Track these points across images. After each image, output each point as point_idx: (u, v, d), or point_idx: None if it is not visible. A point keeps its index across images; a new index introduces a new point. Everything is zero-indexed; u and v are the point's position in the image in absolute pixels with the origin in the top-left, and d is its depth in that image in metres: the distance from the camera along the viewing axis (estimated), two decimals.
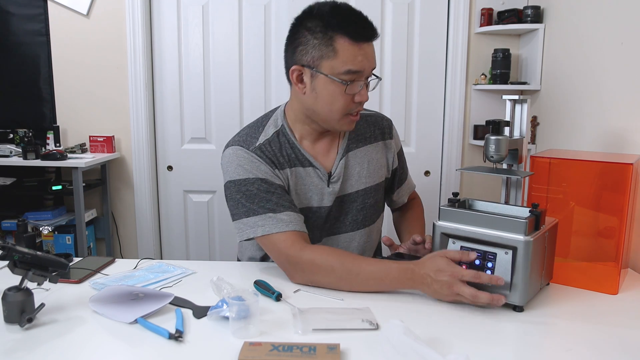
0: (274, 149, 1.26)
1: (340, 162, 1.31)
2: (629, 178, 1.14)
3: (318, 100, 1.20)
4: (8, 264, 0.95)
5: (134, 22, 2.50)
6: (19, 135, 2.52)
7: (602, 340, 0.93)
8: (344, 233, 1.36)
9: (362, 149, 1.35)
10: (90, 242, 2.60)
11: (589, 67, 1.86)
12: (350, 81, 1.16)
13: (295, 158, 1.28)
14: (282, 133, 1.29)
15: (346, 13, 1.16)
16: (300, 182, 1.28)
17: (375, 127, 1.39)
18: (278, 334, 0.93)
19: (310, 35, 1.16)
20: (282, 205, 1.20)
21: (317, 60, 1.16)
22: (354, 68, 1.15)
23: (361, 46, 1.15)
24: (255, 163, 1.23)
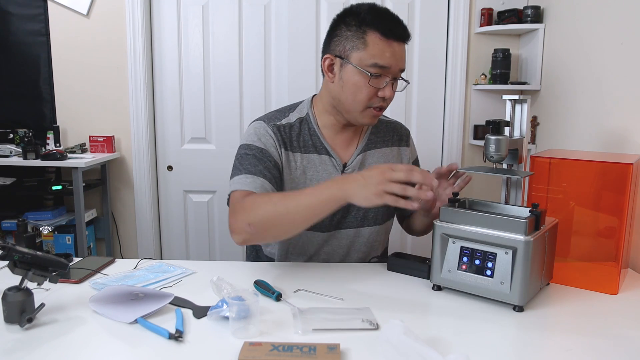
0: (292, 132, 1.34)
1: (357, 156, 1.37)
2: (629, 178, 1.14)
3: (344, 89, 1.26)
4: (8, 264, 0.95)
5: (134, 22, 2.50)
6: (19, 135, 2.52)
7: (602, 340, 0.93)
8: (353, 228, 1.37)
9: (380, 150, 1.41)
10: (90, 242, 2.60)
11: (589, 67, 1.86)
12: (376, 75, 1.22)
13: (312, 145, 1.34)
14: (306, 120, 1.36)
15: (382, 12, 1.24)
16: (313, 169, 1.33)
17: (394, 132, 1.46)
18: (278, 334, 0.93)
19: (345, 28, 1.24)
20: (261, 172, 1.25)
21: (348, 51, 1.23)
22: (381, 62, 1.21)
23: (391, 43, 1.22)
24: (266, 136, 1.31)
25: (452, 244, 1.10)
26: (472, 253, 1.08)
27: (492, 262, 1.05)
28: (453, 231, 1.10)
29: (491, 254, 1.05)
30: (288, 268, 1.30)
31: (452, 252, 1.10)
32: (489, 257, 1.05)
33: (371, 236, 1.40)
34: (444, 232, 1.11)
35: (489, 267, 1.05)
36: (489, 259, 1.05)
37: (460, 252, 1.09)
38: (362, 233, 1.38)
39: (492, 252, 1.05)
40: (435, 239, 1.12)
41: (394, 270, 1.27)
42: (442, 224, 1.12)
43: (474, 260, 1.07)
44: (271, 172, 1.26)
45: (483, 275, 1.06)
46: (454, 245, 1.10)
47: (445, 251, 1.11)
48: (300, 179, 1.33)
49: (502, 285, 1.03)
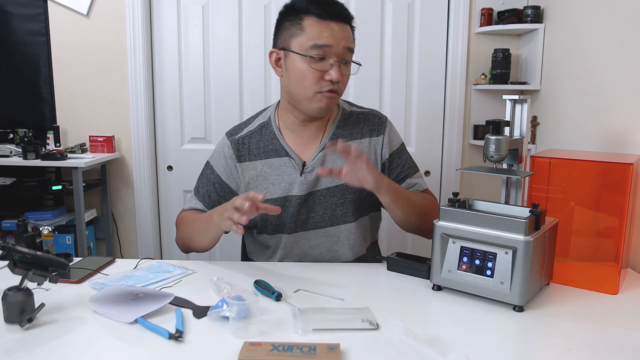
0: (252, 142, 1.38)
1: (318, 154, 1.35)
2: (629, 178, 1.14)
3: (291, 79, 1.27)
4: (8, 264, 0.95)
5: (134, 22, 2.50)
6: (19, 135, 2.52)
7: (602, 340, 0.93)
8: (322, 227, 1.35)
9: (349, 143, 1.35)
10: (90, 242, 2.60)
11: (589, 67, 1.86)
12: (318, 57, 1.22)
13: (273, 149, 1.36)
14: (267, 124, 1.39)
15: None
16: (275, 172, 1.35)
17: (364, 123, 1.40)
18: (278, 334, 0.93)
19: (285, 20, 1.27)
20: (203, 197, 1.41)
21: (288, 40, 1.26)
22: (319, 42, 1.21)
23: (328, 24, 1.22)
24: (220, 157, 1.40)
25: (452, 244, 1.11)
26: (472, 253, 1.08)
27: (492, 262, 1.05)
28: (453, 231, 1.10)
29: (491, 254, 1.05)
30: (288, 268, 1.30)
31: (452, 252, 1.10)
32: (489, 257, 1.05)
33: (345, 234, 1.36)
34: (444, 232, 1.11)
35: (489, 267, 1.05)
36: (489, 259, 1.05)
37: (460, 252, 1.09)
38: (332, 232, 1.36)
39: (492, 252, 1.05)
40: (435, 239, 1.12)
41: (394, 270, 1.27)
42: (442, 223, 1.12)
43: (474, 260, 1.07)
44: (210, 198, 1.40)
45: (483, 275, 1.06)
46: (454, 245, 1.10)
47: (445, 251, 1.11)
48: (262, 184, 1.35)
49: (502, 285, 1.03)
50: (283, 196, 1.34)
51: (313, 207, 1.35)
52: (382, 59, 2.54)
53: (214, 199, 1.40)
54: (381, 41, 2.52)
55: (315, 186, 1.34)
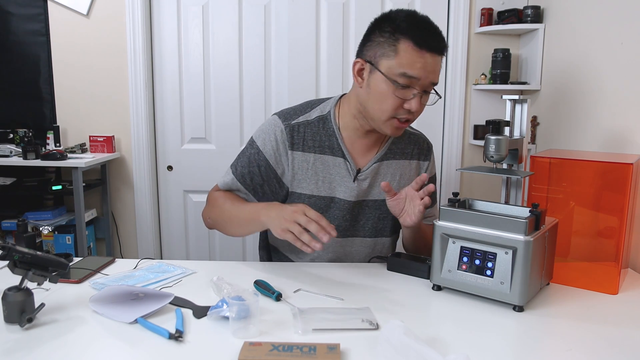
0: (308, 131, 1.32)
1: (374, 164, 1.35)
2: (629, 178, 1.14)
3: (370, 96, 1.23)
4: (8, 264, 0.95)
5: (134, 22, 2.50)
6: (19, 135, 2.52)
7: (602, 340, 0.93)
8: (361, 237, 1.37)
9: (398, 161, 1.38)
10: (90, 242, 2.60)
11: (589, 67, 1.86)
12: (403, 85, 1.18)
13: (328, 146, 1.32)
14: (326, 119, 1.33)
15: (419, 20, 1.19)
16: (326, 170, 1.32)
17: (415, 145, 1.42)
18: (278, 334, 0.93)
19: (379, 33, 1.20)
20: (243, 177, 1.34)
21: (378, 57, 1.19)
22: (410, 72, 1.16)
23: (423, 54, 1.16)
24: (270, 138, 1.32)
25: (452, 244, 1.11)
26: (472, 253, 1.08)
27: (492, 262, 1.05)
28: (453, 231, 1.10)
29: (491, 254, 1.05)
30: (288, 268, 1.30)
31: (452, 252, 1.10)
32: (489, 257, 1.05)
33: (379, 247, 1.39)
34: (444, 232, 1.11)
35: (489, 267, 1.05)
36: (489, 259, 1.05)
37: (460, 252, 1.09)
38: (368, 243, 1.37)
39: (492, 252, 1.05)
40: (435, 239, 1.12)
41: (394, 270, 1.27)
42: (442, 223, 1.12)
43: (474, 260, 1.07)
44: (253, 180, 1.34)
45: (483, 275, 1.06)
46: (454, 245, 1.10)
47: (445, 251, 1.11)
48: (312, 179, 1.32)
49: (502, 285, 1.03)
50: (330, 196, 1.32)
51: (357, 216, 1.35)
52: None
53: (257, 182, 1.33)
54: None
55: (365, 195, 1.34)
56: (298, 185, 1.32)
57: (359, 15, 2.49)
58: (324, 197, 1.32)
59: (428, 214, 1.44)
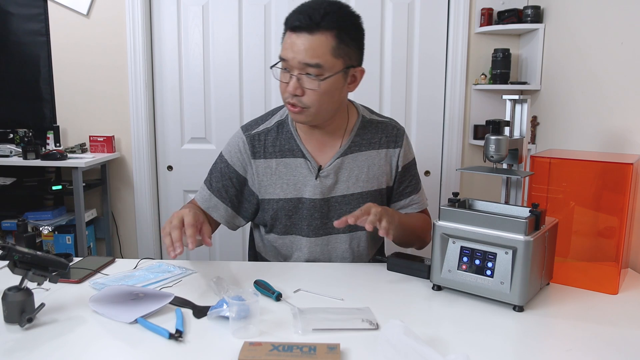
0: (268, 138, 1.35)
1: (336, 160, 1.34)
2: (629, 178, 1.14)
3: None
4: (8, 264, 0.95)
5: (134, 22, 2.50)
6: (19, 135, 2.52)
7: (602, 340, 0.93)
8: (335, 234, 1.36)
9: (365, 153, 1.36)
10: (90, 242, 2.60)
11: (588, 67, 1.86)
12: (282, 69, 1.23)
13: (289, 149, 1.34)
14: (284, 123, 1.36)
15: (300, 6, 1.21)
16: (289, 173, 1.33)
17: (383, 133, 1.39)
18: (278, 334, 0.93)
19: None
20: (219, 191, 1.37)
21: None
22: (281, 54, 1.22)
23: (290, 35, 1.20)
24: (235, 150, 1.37)
25: (452, 244, 1.10)
26: (472, 253, 1.08)
27: (492, 262, 1.05)
28: (453, 231, 1.10)
29: (491, 254, 1.05)
30: (288, 268, 1.30)
31: (452, 252, 1.10)
32: (489, 257, 1.05)
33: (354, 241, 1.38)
34: (444, 232, 1.11)
35: (489, 267, 1.05)
36: (489, 259, 1.05)
37: (460, 252, 1.09)
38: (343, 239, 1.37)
39: (492, 252, 1.05)
40: (435, 239, 1.12)
41: (394, 270, 1.27)
42: (442, 223, 1.12)
43: (474, 260, 1.07)
44: (228, 192, 1.36)
45: (483, 275, 1.06)
46: (454, 245, 1.10)
47: (445, 251, 1.11)
48: (277, 183, 1.34)
49: (502, 285, 1.03)
50: (296, 197, 1.33)
51: (328, 213, 1.35)
52: (382, 59, 2.54)
53: (232, 194, 1.37)
54: (381, 41, 2.52)
55: (331, 192, 1.34)
56: (265, 192, 1.34)
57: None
58: (291, 199, 1.34)
59: (412, 202, 1.43)
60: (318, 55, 1.17)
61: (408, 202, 1.43)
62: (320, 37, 1.17)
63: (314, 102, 1.21)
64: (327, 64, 1.18)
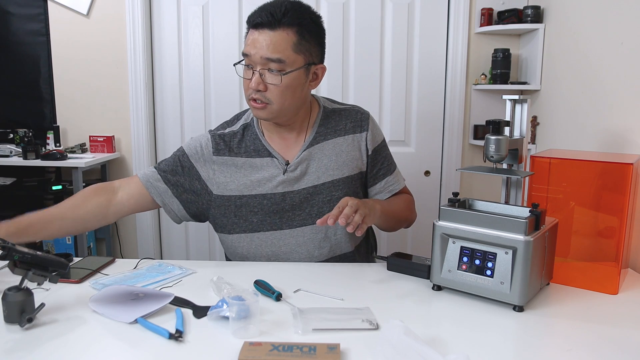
0: (234, 140, 1.36)
1: (302, 152, 1.34)
2: (629, 178, 1.14)
3: None
4: (8, 264, 0.95)
5: (134, 22, 2.51)
6: (19, 135, 2.52)
7: (602, 340, 0.93)
8: (310, 225, 1.34)
9: (331, 141, 1.37)
10: (90, 242, 2.59)
11: (589, 67, 1.86)
12: (245, 65, 1.25)
13: (254, 150, 1.35)
14: (250, 126, 1.38)
15: (262, 5, 1.24)
16: (256, 172, 1.34)
17: (347, 120, 1.40)
18: (278, 334, 0.93)
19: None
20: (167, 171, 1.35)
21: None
22: (244, 51, 1.25)
23: (252, 32, 1.23)
24: (197, 144, 1.36)
25: (452, 244, 1.10)
26: (472, 253, 1.08)
27: (492, 262, 1.05)
28: (453, 231, 1.10)
29: (491, 254, 1.05)
30: (288, 268, 1.30)
31: (452, 252, 1.10)
32: (489, 257, 1.05)
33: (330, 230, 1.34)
34: (444, 232, 1.11)
35: (489, 267, 1.05)
36: (489, 259, 1.05)
37: (460, 252, 1.09)
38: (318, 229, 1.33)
39: (492, 252, 1.05)
40: (435, 239, 1.12)
41: (394, 270, 1.27)
42: (442, 223, 1.12)
43: (474, 260, 1.07)
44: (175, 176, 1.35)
45: (483, 275, 1.06)
46: (454, 245, 1.10)
47: (445, 251, 1.11)
48: (241, 180, 1.33)
49: (502, 285, 1.03)
50: (261, 194, 1.33)
51: (301, 205, 1.33)
52: (382, 59, 2.54)
53: (178, 181, 1.35)
54: (381, 41, 2.52)
55: (300, 184, 1.33)
56: (225, 188, 1.34)
57: (358, 15, 2.49)
58: (255, 196, 1.32)
59: (388, 184, 1.42)
60: (279, 50, 1.20)
61: (384, 185, 1.42)
62: (281, 33, 1.20)
63: (277, 97, 1.24)
64: (288, 59, 1.21)
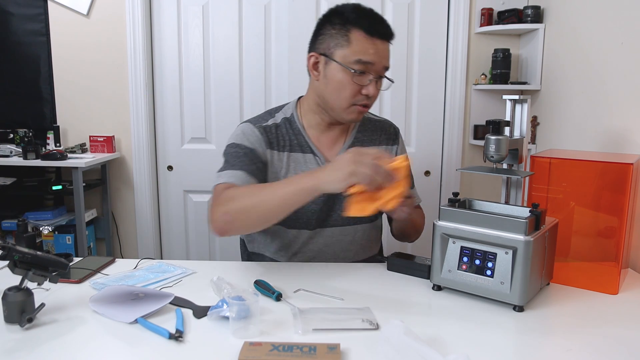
0: (279, 132, 1.36)
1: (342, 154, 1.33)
2: (629, 178, 1.14)
3: (328, 86, 1.27)
4: (8, 264, 0.95)
5: (134, 22, 2.50)
6: (19, 135, 2.52)
7: (602, 340, 0.93)
8: (340, 226, 1.37)
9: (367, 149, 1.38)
10: (90, 242, 2.60)
11: (589, 67, 1.86)
12: (359, 71, 1.23)
13: (297, 144, 1.36)
14: (291, 120, 1.38)
15: (366, 11, 1.27)
16: (298, 167, 1.35)
17: (382, 131, 1.46)
18: (278, 334, 0.93)
19: (330, 26, 1.27)
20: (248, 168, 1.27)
21: (332, 49, 1.25)
22: (364, 59, 1.22)
23: (374, 41, 1.23)
24: (253, 136, 1.33)
25: (452, 244, 1.11)
26: (472, 253, 1.08)
27: (492, 262, 1.05)
28: (453, 231, 1.10)
29: (491, 254, 1.05)
30: (288, 268, 1.30)
31: (452, 252, 1.10)
32: (489, 257, 1.05)
33: (358, 234, 1.39)
34: (444, 232, 1.11)
35: (489, 267, 1.05)
36: (489, 259, 1.05)
37: (460, 252, 1.09)
38: (348, 231, 1.37)
39: (492, 252, 1.05)
40: (435, 239, 1.12)
41: (394, 270, 1.27)
42: (442, 223, 1.12)
43: (474, 260, 1.07)
44: (258, 168, 1.29)
45: (483, 275, 1.06)
46: (454, 245, 1.10)
47: (445, 251, 1.11)
48: (285, 177, 1.34)
49: (502, 285, 1.03)
50: None
51: (333, 206, 1.36)
52: None
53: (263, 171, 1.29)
54: None
55: None
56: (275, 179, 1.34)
57: None
58: None
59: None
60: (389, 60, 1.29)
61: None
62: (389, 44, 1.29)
63: (374, 101, 1.30)
64: None
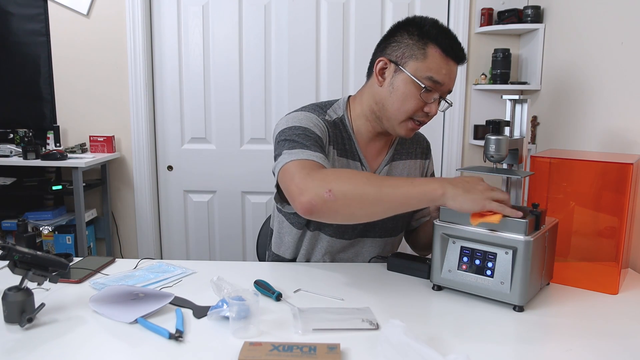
0: (335, 131, 1.31)
1: (385, 166, 1.37)
2: (629, 178, 1.14)
3: (392, 95, 1.23)
4: (8, 264, 0.95)
5: (134, 22, 2.51)
6: (19, 135, 2.52)
7: (602, 340, 0.93)
8: (372, 238, 1.38)
9: (405, 162, 1.42)
10: (90, 242, 2.60)
11: (589, 67, 1.86)
12: (428, 88, 1.20)
13: (348, 149, 1.32)
14: (341, 122, 1.33)
15: (445, 29, 1.24)
16: None
17: (417, 145, 1.46)
18: (278, 334, 0.93)
19: (407, 35, 1.23)
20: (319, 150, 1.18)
21: (406, 58, 1.21)
22: (436, 77, 1.20)
23: (448, 62, 1.21)
24: (319, 125, 1.26)
25: (452, 244, 1.10)
26: (472, 253, 1.08)
27: (492, 262, 1.05)
28: (453, 231, 1.10)
29: (491, 254, 1.05)
30: (288, 268, 1.30)
31: (452, 252, 1.10)
32: (489, 257, 1.05)
33: (389, 246, 1.42)
34: (444, 232, 1.11)
35: (489, 267, 1.05)
36: (489, 259, 1.05)
37: (460, 252, 1.09)
38: (379, 243, 1.39)
39: (492, 252, 1.05)
40: (436, 239, 1.12)
41: (394, 270, 1.27)
42: (442, 223, 1.12)
43: (474, 260, 1.07)
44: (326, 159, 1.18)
45: (483, 275, 1.06)
46: (454, 245, 1.10)
47: (445, 251, 1.11)
48: None
49: (502, 285, 1.03)
50: None
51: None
52: None
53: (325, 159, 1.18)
54: None
55: None
56: None
57: (358, 15, 2.49)
58: None
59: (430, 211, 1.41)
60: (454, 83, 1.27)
61: (427, 210, 1.45)
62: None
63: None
64: None
